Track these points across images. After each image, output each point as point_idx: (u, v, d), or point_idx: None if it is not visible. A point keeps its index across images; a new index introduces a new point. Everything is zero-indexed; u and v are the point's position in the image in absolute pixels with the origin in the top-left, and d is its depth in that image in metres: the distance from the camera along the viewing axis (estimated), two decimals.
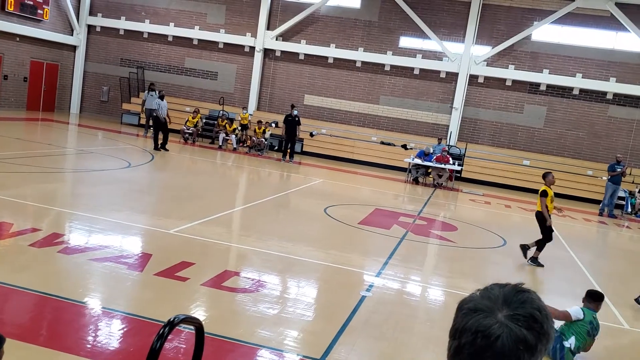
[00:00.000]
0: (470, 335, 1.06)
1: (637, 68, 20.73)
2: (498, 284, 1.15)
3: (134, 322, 4.79)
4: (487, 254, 9.83)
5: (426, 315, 6.26)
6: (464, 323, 1.09)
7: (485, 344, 1.04)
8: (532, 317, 1.07)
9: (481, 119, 22.37)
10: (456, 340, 1.09)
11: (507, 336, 1.04)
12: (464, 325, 1.08)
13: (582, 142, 21.58)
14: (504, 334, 1.04)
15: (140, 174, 13.03)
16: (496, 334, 1.04)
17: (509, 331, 1.05)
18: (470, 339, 1.06)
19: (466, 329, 1.07)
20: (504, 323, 1.05)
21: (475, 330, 1.06)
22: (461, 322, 1.10)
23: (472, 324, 1.07)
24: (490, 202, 16.67)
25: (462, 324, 1.09)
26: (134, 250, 6.98)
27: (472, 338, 1.06)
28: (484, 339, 1.05)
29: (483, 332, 1.05)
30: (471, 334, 1.06)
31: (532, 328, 1.06)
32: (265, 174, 16.90)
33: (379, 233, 9.88)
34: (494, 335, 1.04)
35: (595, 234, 14.86)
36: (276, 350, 4.59)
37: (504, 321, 1.06)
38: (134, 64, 25.65)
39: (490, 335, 1.04)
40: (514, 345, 1.04)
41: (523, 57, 21.72)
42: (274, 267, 7.00)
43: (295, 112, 19.62)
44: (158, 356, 1.81)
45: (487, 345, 1.04)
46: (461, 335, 1.08)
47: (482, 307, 1.09)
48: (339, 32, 23.26)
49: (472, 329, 1.06)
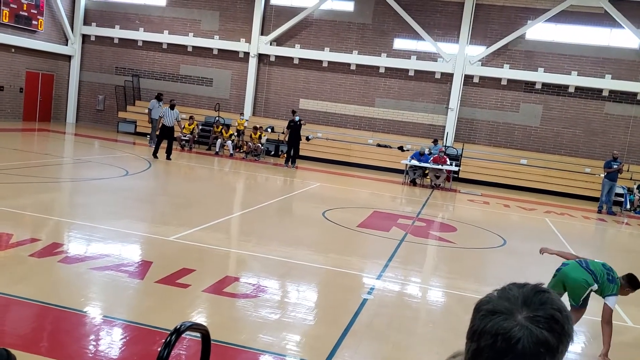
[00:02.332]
0: (490, 338, 1.04)
1: (632, 64, 20.80)
2: (516, 284, 1.13)
3: (136, 331, 4.77)
4: (487, 254, 9.82)
5: (428, 316, 6.25)
6: (483, 325, 1.06)
7: (505, 346, 1.03)
8: (553, 319, 1.06)
9: (477, 119, 22.40)
10: (475, 343, 1.07)
11: (528, 338, 1.02)
12: (482, 328, 1.06)
13: (578, 140, 21.62)
14: (525, 336, 1.03)
15: (138, 181, 13.01)
16: (517, 337, 1.03)
17: (529, 333, 1.03)
18: (490, 341, 1.04)
19: (485, 331, 1.05)
20: (524, 325, 1.04)
21: (495, 332, 1.04)
22: (480, 325, 1.07)
23: (492, 326, 1.05)
24: (489, 202, 16.68)
25: (481, 327, 1.07)
26: (134, 258, 6.96)
27: (492, 341, 1.04)
28: (505, 341, 1.03)
29: (503, 335, 1.03)
30: (491, 336, 1.04)
31: (553, 330, 1.05)
32: (263, 179, 16.89)
33: (378, 235, 9.87)
34: (515, 338, 1.03)
35: (594, 232, 14.87)
36: (279, 356, 4.57)
37: (524, 323, 1.04)
38: (129, 72, 25.65)
39: (511, 338, 1.03)
40: (535, 347, 1.02)
41: (518, 56, 21.78)
42: (275, 272, 6.98)
43: (298, 118, 19.63)
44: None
45: (508, 348, 1.02)
46: (480, 338, 1.06)
47: (501, 309, 1.07)
48: (333, 36, 23.30)
49: (491, 331, 1.04)
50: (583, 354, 5.73)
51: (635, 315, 6.96)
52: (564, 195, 19.91)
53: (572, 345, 1.10)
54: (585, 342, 6.03)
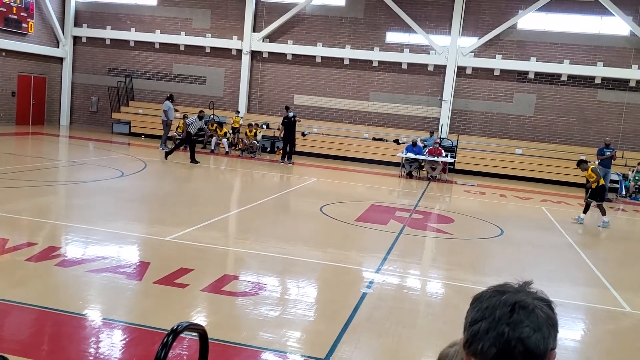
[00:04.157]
0: (507, 307, 1.09)
1: (624, 51, 20.84)
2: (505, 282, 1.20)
3: (136, 332, 4.76)
4: (484, 244, 9.84)
5: (428, 308, 6.26)
6: (495, 302, 1.11)
7: (524, 314, 1.08)
8: (549, 302, 1.15)
9: (471, 110, 22.42)
10: (486, 319, 1.10)
11: (540, 310, 1.10)
12: (495, 303, 1.11)
13: (572, 128, 21.67)
14: (537, 307, 1.10)
15: (133, 182, 12.98)
16: (532, 305, 1.10)
17: (540, 308, 1.11)
18: (507, 310, 1.09)
19: (500, 303, 1.10)
20: (533, 300, 1.12)
21: (513, 302, 1.10)
22: (490, 302, 1.12)
23: (507, 298, 1.11)
24: (485, 192, 16.71)
25: (494, 303, 1.11)
26: (132, 259, 6.95)
27: (509, 309, 1.09)
28: (523, 309, 1.09)
29: (520, 303, 1.09)
30: (508, 306, 1.09)
31: (552, 310, 1.13)
32: (259, 176, 16.88)
33: (376, 229, 9.88)
34: (531, 306, 1.10)
35: (590, 219, 14.91)
36: (280, 352, 4.57)
37: (533, 300, 1.12)
38: (121, 72, 25.56)
39: (528, 305, 1.09)
40: (545, 319, 1.10)
41: (510, 46, 21.79)
42: (273, 269, 6.98)
43: (292, 114, 19.60)
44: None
45: (526, 316, 1.08)
46: (494, 311, 1.10)
47: (507, 290, 1.14)
48: (325, 31, 23.26)
49: (507, 302, 1.10)
50: (582, 341, 5.76)
51: (633, 301, 6.99)
52: (560, 183, 19.97)
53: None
54: (584, 329, 6.05)
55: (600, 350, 5.52)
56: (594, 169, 12.52)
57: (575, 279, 8.01)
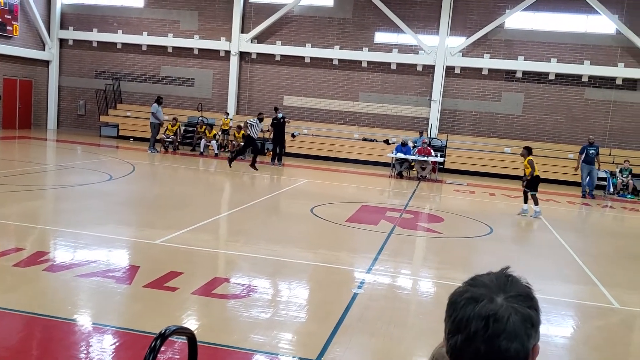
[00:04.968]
0: (481, 322, 1.08)
1: (610, 50, 21.02)
2: (481, 274, 1.17)
3: (126, 336, 4.72)
4: (474, 243, 9.88)
5: (419, 307, 6.27)
6: (469, 313, 1.09)
7: (498, 327, 1.07)
8: (528, 296, 1.13)
9: (460, 109, 22.51)
10: (462, 333, 1.09)
11: (515, 316, 1.08)
12: (469, 315, 1.09)
13: (560, 126, 21.82)
14: (512, 314, 1.08)
15: (122, 186, 12.90)
16: (506, 316, 1.08)
17: (515, 312, 1.09)
18: (482, 325, 1.07)
19: (474, 316, 1.08)
20: (508, 305, 1.09)
21: (485, 315, 1.08)
22: (464, 313, 1.10)
23: (480, 310, 1.08)
24: (475, 191, 16.78)
25: (467, 314, 1.09)
26: (121, 263, 6.90)
27: (483, 324, 1.07)
28: (496, 322, 1.07)
29: (494, 316, 1.07)
30: (481, 319, 1.08)
31: (532, 306, 1.12)
32: (249, 177, 16.83)
33: (366, 229, 9.89)
34: (504, 317, 1.08)
35: (579, 216, 15.03)
36: (271, 354, 4.56)
37: (507, 303, 1.09)
38: (109, 75, 25.41)
39: (501, 318, 1.07)
40: (522, 324, 1.08)
41: (497, 45, 21.91)
42: (264, 271, 6.96)
43: (281, 115, 19.57)
44: None
45: (501, 328, 1.07)
46: (469, 324, 1.08)
47: (481, 295, 1.11)
48: (314, 31, 23.26)
49: (481, 315, 1.08)
50: (571, 337, 5.79)
51: (621, 297, 7.05)
52: (549, 181, 20.08)
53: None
54: (574, 326, 6.09)
55: (590, 347, 5.55)
56: (530, 161, 12.56)
57: (565, 276, 8.06)
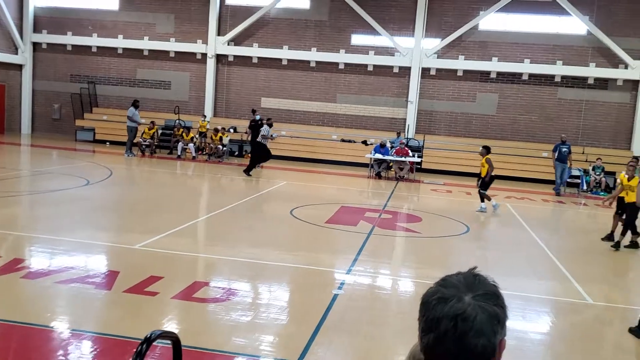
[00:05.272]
0: (450, 321, 1.15)
1: (581, 50, 21.46)
2: (451, 275, 1.25)
3: (107, 342, 4.72)
4: (452, 242, 10.03)
5: (398, 307, 6.36)
6: (439, 313, 1.17)
7: (466, 326, 1.14)
8: (495, 294, 1.20)
9: (436, 110, 22.76)
10: (434, 332, 1.17)
11: (482, 314, 1.16)
12: (439, 315, 1.17)
13: (534, 126, 22.19)
14: (479, 313, 1.16)
15: (99, 190, 12.79)
16: (473, 315, 1.15)
17: (482, 310, 1.16)
18: (451, 324, 1.15)
19: (443, 316, 1.16)
20: (475, 304, 1.16)
21: (453, 315, 1.15)
22: (435, 313, 1.18)
23: (449, 310, 1.16)
24: (452, 190, 16.99)
25: (438, 314, 1.17)
26: (100, 268, 6.86)
27: (452, 324, 1.15)
28: (464, 321, 1.15)
29: (461, 315, 1.15)
30: (450, 319, 1.15)
31: (498, 304, 1.19)
32: (228, 180, 16.80)
33: (346, 230, 9.97)
34: (472, 316, 1.15)
35: (553, 214, 15.32)
36: (253, 357, 4.60)
37: (475, 302, 1.17)
38: (84, 79, 25.12)
39: (468, 316, 1.15)
40: (488, 321, 1.16)
41: (472, 47, 22.20)
42: (244, 274, 6.99)
43: (258, 117, 19.54)
44: None
45: (469, 327, 1.14)
46: (439, 324, 1.16)
47: (450, 295, 1.18)
48: (291, 34, 23.31)
49: (449, 315, 1.15)
50: (548, 333, 5.94)
51: (594, 293, 7.23)
52: (523, 180, 20.43)
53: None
54: (549, 322, 6.24)
55: (565, 342, 5.70)
56: (488, 160, 12.85)
57: (540, 273, 8.24)
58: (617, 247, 9.80)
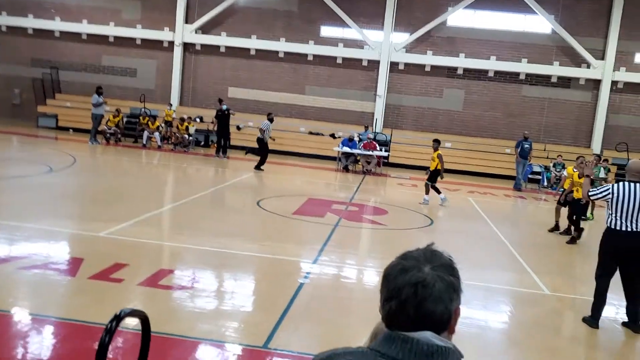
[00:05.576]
0: (411, 289, 1.26)
1: (545, 49, 21.97)
2: (410, 250, 1.36)
3: (72, 327, 4.69)
4: (416, 234, 10.21)
5: (363, 295, 6.47)
6: (400, 282, 1.27)
7: (425, 292, 1.25)
8: (450, 266, 1.32)
9: (404, 105, 23.01)
10: (395, 299, 1.27)
11: (440, 283, 1.27)
12: (401, 284, 1.27)
13: (498, 122, 22.66)
14: (437, 281, 1.27)
15: (63, 178, 12.55)
16: (432, 282, 1.26)
17: (440, 279, 1.27)
18: (412, 291, 1.25)
19: (405, 284, 1.26)
20: (434, 274, 1.28)
21: (414, 283, 1.26)
22: (397, 282, 1.28)
23: (410, 279, 1.27)
24: (417, 184, 17.21)
25: (399, 283, 1.27)
26: (64, 255, 6.77)
27: (413, 290, 1.25)
28: (424, 288, 1.25)
29: (422, 283, 1.26)
30: (411, 286, 1.26)
31: (453, 274, 1.31)
32: (193, 170, 16.68)
33: (313, 222, 10.04)
34: (431, 283, 1.26)
35: (515, 208, 15.72)
36: (218, 342, 4.63)
37: (433, 272, 1.28)
38: (46, 64, 24.50)
39: (428, 284, 1.26)
40: (446, 289, 1.27)
41: (440, 42, 22.49)
42: (210, 263, 7.00)
43: (225, 107, 19.38)
44: (107, 350, 1.85)
45: (428, 293, 1.25)
46: (400, 292, 1.26)
47: (410, 266, 1.29)
48: (260, 23, 23.19)
49: (411, 282, 1.26)
50: (508, 322, 6.13)
51: (551, 284, 7.49)
52: (487, 175, 20.87)
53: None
54: (508, 312, 6.44)
55: (523, 331, 5.90)
56: (439, 155, 13.21)
57: (500, 264, 8.47)
58: (574, 241, 10.15)
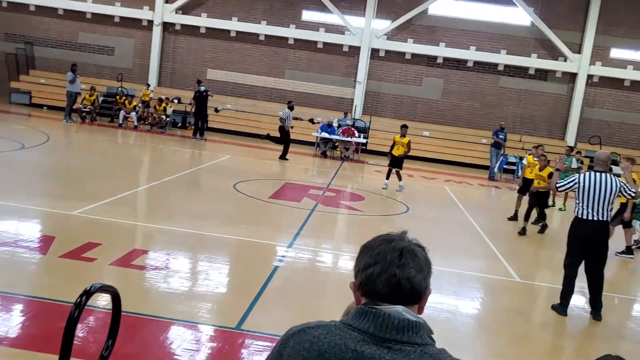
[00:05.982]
0: (396, 252, 1.31)
1: (524, 40, 22.15)
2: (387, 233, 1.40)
3: (42, 305, 4.63)
4: (392, 221, 10.28)
5: (337, 279, 6.51)
6: (385, 248, 1.32)
7: (410, 257, 1.31)
8: (424, 248, 1.39)
9: (383, 92, 23.03)
10: (379, 264, 1.30)
11: (421, 255, 1.35)
12: (385, 250, 1.31)
13: (476, 112, 22.84)
14: (420, 251, 1.35)
15: (36, 155, 12.32)
16: (415, 250, 1.34)
17: (420, 252, 1.35)
18: (397, 255, 1.31)
19: (389, 250, 1.31)
20: (415, 244, 1.36)
21: (400, 248, 1.32)
22: (380, 249, 1.32)
23: (395, 245, 1.33)
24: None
25: (384, 250, 1.32)
26: (35, 233, 6.66)
27: (398, 254, 1.31)
28: (409, 253, 1.32)
29: (407, 248, 1.33)
30: (396, 251, 1.32)
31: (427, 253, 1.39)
32: (170, 151, 16.51)
33: (289, 206, 10.04)
34: (414, 250, 1.34)
35: (489, 197, 15.93)
36: (191, 323, 4.62)
37: (414, 244, 1.36)
38: (20, 39, 23.90)
39: (412, 250, 1.33)
40: (425, 263, 1.35)
41: (421, 30, 22.51)
42: (184, 244, 6.96)
43: (203, 88, 19.15)
44: (76, 325, 1.83)
45: (412, 259, 1.32)
46: (385, 256, 1.30)
47: (394, 238, 1.35)
48: (241, 5, 22.92)
49: (396, 248, 1.32)
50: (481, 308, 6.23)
51: (521, 271, 7.63)
52: (463, 164, 21.06)
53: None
54: (479, 297, 6.54)
55: (493, 317, 6.00)
56: (409, 143, 13.40)
57: (474, 252, 8.59)
58: (524, 232, 10.25)
